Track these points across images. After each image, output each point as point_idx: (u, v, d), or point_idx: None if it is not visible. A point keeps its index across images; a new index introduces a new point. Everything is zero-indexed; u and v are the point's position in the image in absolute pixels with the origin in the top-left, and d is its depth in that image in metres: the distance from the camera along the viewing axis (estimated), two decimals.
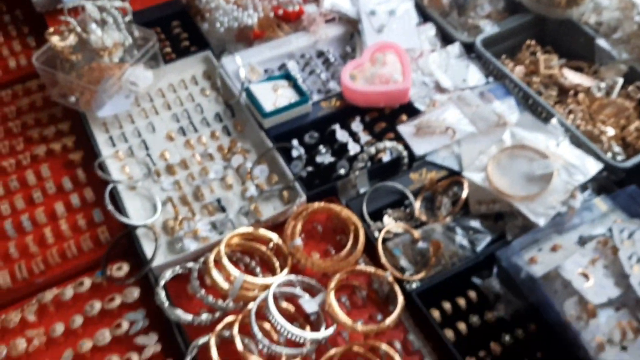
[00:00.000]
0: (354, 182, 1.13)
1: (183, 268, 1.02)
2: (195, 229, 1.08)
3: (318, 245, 1.09)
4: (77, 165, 1.20)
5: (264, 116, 1.18)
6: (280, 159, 1.17)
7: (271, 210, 1.12)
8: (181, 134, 1.25)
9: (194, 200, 1.14)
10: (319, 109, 1.26)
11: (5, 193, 1.16)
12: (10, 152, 1.23)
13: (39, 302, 1.00)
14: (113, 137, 1.23)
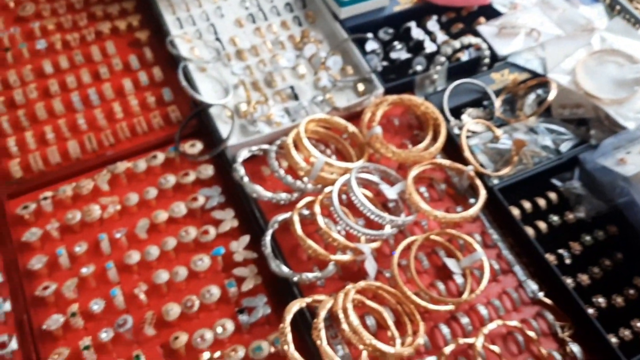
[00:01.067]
0: (433, 78, 1.09)
1: (258, 149, 0.99)
2: (269, 114, 1.04)
3: (393, 138, 1.06)
4: (144, 44, 1.16)
5: (342, 4, 1.13)
6: (356, 50, 1.12)
7: (345, 101, 1.09)
8: (250, 21, 1.20)
9: (265, 87, 1.10)
10: (395, 4, 1.20)
11: (71, 66, 1.12)
12: (73, 26, 1.18)
13: (111, 172, 0.98)
14: (180, 19, 1.18)
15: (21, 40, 1.15)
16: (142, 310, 0.86)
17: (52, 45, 1.14)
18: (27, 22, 1.18)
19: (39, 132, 1.03)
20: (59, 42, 1.14)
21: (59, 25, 1.18)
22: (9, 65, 1.11)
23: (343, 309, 0.78)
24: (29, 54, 1.13)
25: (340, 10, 1.14)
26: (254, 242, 0.91)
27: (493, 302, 0.89)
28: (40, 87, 1.09)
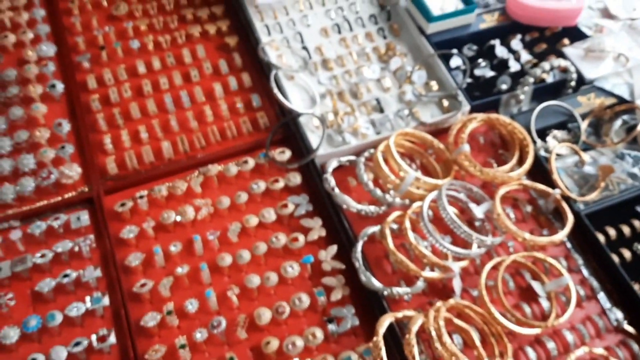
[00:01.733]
0: (520, 98, 1.09)
1: (346, 160, 1.01)
2: (356, 125, 1.06)
3: (478, 156, 1.07)
4: (233, 50, 1.19)
5: (430, 20, 1.14)
6: (442, 66, 1.13)
7: (429, 116, 1.10)
8: (336, 31, 1.21)
9: (351, 97, 1.12)
10: (480, 21, 1.21)
11: (162, 67, 1.16)
12: (164, 28, 1.22)
13: (204, 174, 1.01)
14: (268, 25, 1.21)
15: (115, 39, 1.19)
16: (233, 313, 0.88)
17: (145, 45, 1.18)
18: (121, 21, 1.22)
19: (132, 130, 1.07)
20: (151, 42, 1.18)
21: (151, 26, 1.21)
22: (103, 63, 1.15)
23: (436, 328, 0.79)
24: (123, 53, 1.17)
25: (428, 26, 1.15)
26: (340, 252, 0.93)
27: (578, 328, 0.89)
28: (134, 86, 1.12)
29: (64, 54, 1.16)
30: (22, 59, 1.14)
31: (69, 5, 1.23)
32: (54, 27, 1.20)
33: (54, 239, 0.94)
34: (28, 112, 1.06)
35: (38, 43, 1.16)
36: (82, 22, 1.21)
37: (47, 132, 1.04)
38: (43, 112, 1.07)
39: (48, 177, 0.99)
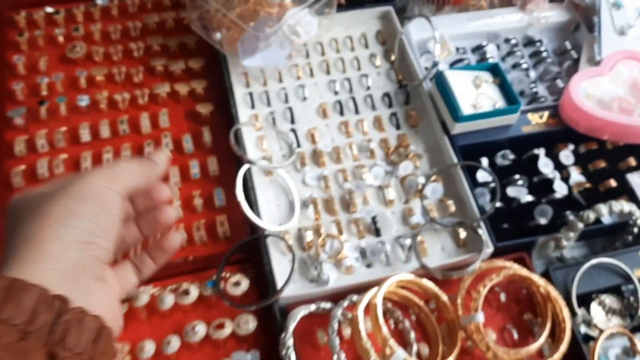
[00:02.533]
0: (562, 244, 0.82)
1: (318, 308, 0.77)
2: (341, 254, 0.81)
3: (494, 318, 0.80)
4: (204, 122, 0.94)
5: (458, 119, 0.87)
6: (464, 180, 0.87)
7: (438, 250, 0.84)
8: (337, 111, 0.96)
9: (341, 209, 0.87)
10: (523, 122, 0.93)
11: (112, 136, 0.92)
12: (125, 81, 0.98)
13: (129, 302, 0.77)
14: (253, 95, 0.95)
15: (62, 90, 0.95)
16: None
17: (96, 103, 0.94)
18: (74, 66, 0.98)
19: None
20: (104, 100, 0.94)
21: (110, 77, 0.97)
22: (40, 122, 0.92)
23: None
24: (67, 111, 0.93)
25: (454, 126, 0.88)
26: None
27: None
28: (71, 159, 0.89)
29: None
30: None
31: (16, 38, 0.99)
32: None
33: None
34: None
35: None
36: (28, 63, 0.97)
37: None
38: None
39: None
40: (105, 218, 0.44)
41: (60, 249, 0.40)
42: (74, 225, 0.41)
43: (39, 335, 0.34)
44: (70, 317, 0.36)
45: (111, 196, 0.45)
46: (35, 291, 0.36)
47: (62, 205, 0.42)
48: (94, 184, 0.45)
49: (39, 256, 0.39)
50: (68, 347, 0.35)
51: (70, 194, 0.43)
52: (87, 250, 0.42)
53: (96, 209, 0.43)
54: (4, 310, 0.33)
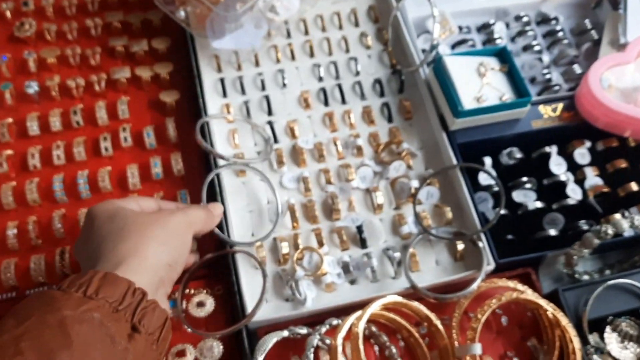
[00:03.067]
0: (574, 261, 0.72)
1: (292, 333, 0.67)
2: (321, 269, 0.71)
3: (494, 344, 0.71)
4: (169, 113, 0.83)
5: (458, 114, 0.76)
6: (463, 183, 0.76)
7: (431, 265, 0.74)
8: (321, 100, 0.84)
9: (323, 216, 0.76)
10: (533, 115, 0.81)
11: (64, 129, 0.80)
12: (80, 64, 0.86)
13: None
14: (225, 81, 0.84)
15: (8, 74, 0.84)
16: None
17: (47, 90, 0.82)
18: (24, 46, 0.86)
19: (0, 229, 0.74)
20: (56, 87, 0.82)
21: (63, 59, 0.85)
22: None
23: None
24: (13, 99, 0.82)
25: (453, 121, 0.77)
26: None
27: None
28: (16, 156, 0.78)
29: None
30: None
31: None
32: None
33: None
34: None
35: None
36: None
37: None
38: None
39: None
40: (183, 250, 0.59)
41: (157, 266, 0.54)
42: (167, 251, 0.56)
43: (125, 313, 0.48)
44: (146, 305, 0.50)
45: (188, 236, 0.61)
46: (124, 283, 0.49)
47: (160, 233, 0.56)
48: (180, 224, 0.59)
49: (143, 268, 0.52)
50: (144, 326, 0.49)
51: (165, 226, 0.57)
52: (170, 271, 0.56)
53: (179, 242, 0.59)
54: (101, 291, 0.48)
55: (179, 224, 0.59)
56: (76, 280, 0.48)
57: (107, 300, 0.47)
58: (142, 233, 0.55)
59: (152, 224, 0.56)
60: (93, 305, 0.46)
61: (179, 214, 0.60)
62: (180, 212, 0.61)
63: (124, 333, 0.47)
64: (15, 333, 0.43)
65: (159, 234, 0.56)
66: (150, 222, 0.57)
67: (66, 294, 0.47)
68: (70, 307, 0.45)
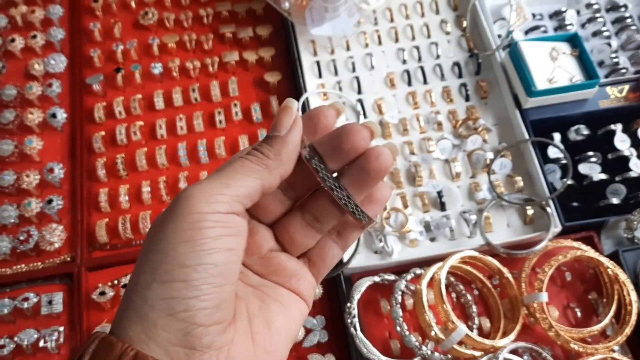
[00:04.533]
0: (635, 225, 0.80)
1: (382, 279, 0.79)
2: (405, 227, 0.82)
3: (558, 296, 0.81)
4: (272, 91, 0.96)
5: (531, 94, 0.85)
6: (535, 156, 0.85)
7: (503, 226, 0.84)
8: (405, 81, 0.94)
9: (406, 182, 0.88)
10: (600, 96, 0.89)
11: (184, 104, 0.94)
12: (196, 49, 0.99)
13: None
14: (321, 63, 0.95)
15: (136, 57, 0.98)
16: None
17: (169, 71, 0.96)
18: (147, 33, 1.00)
19: (135, 185, 0.88)
20: (176, 68, 0.96)
21: (181, 44, 0.99)
22: (116, 89, 0.96)
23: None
24: (142, 78, 0.96)
25: (526, 100, 0.86)
26: None
27: None
28: (146, 126, 0.93)
29: (75, 70, 0.97)
30: (28, 72, 0.97)
31: (92, 4, 1.02)
32: (70, 32, 1.01)
33: (22, 319, 0.80)
34: (20, 146, 0.90)
35: (49, 52, 0.98)
36: (103, 29, 1.01)
37: (37, 177, 0.88)
38: (38, 149, 0.90)
39: (27, 240, 0.83)
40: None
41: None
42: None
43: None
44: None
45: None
46: (119, 345, 0.34)
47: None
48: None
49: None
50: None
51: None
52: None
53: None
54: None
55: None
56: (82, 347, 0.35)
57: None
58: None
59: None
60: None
61: None
62: None
63: None
64: None
65: None
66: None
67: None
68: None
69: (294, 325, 0.40)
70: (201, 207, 0.35)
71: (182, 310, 0.34)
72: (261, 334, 0.37)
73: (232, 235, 0.36)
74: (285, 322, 0.39)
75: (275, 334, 0.38)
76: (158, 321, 0.34)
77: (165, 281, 0.34)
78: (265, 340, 0.37)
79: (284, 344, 0.38)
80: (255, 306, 0.39)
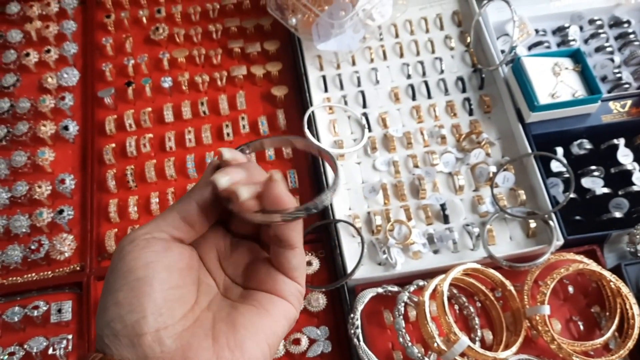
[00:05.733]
0: (637, 241, 0.81)
1: (385, 290, 0.80)
2: (409, 239, 0.83)
3: (560, 309, 0.81)
4: (279, 105, 0.97)
5: (534, 109, 0.86)
6: (537, 170, 0.86)
7: (506, 239, 0.85)
8: (409, 95, 0.96)
9: (410, 195, 0.89)
10: (603, 110, 0.90)
11: (193, 117, 0.97)
12: (205, 63, 1.02)
13: None
14: (327, 78, 0.97)
15: (146, 71, 1.01)
16: None
17: (178, 85, 0.99)
18: (158, 48, 1.03)
19: (144, 197, 0.90)
20: (185, 82, 0.99)
21: (190, 59, 1.02)
22: (127, 102, 0.98)
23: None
24: (152, 91, 0.99)
25: (529, 115, 0.87)
26: None
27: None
28: (156, 138, 0.95)
29: (87, 84, 0.99)
30: (41, 85, 0.99)
31: (104, 20, 1.05)
32: (83, 47, 1.03)
33: (32, 327, 0.82)
34: (33, 158, 0.92)
35: (62, 66, 1.01)
36: (115, 44, 1.03)
37: (49, 188, 0.90)
38: (50, 160, 0.92)
39: (37, 250, 0.85)
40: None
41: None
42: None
43: None
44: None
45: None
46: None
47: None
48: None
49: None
50: None
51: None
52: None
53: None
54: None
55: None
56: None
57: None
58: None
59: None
60: None
61: None
62: None
63: None
64: None
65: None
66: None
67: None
68: None
69: (273, 325, 0.41)
70: (128, 240, 0.40)
71: (121, 327, 0.37)
72: (224, 334, 0.39)
73: (150, 252, 0.39)
74: (257, 321, 0.40)
75: (242, 331, 0.39)
76: (112, 345, 0.37)
77: (104, 308, 0.38)
78: (229, 338, 0.39)
79: (255, 341, 0.39)
80: (224, 312, 0.41)
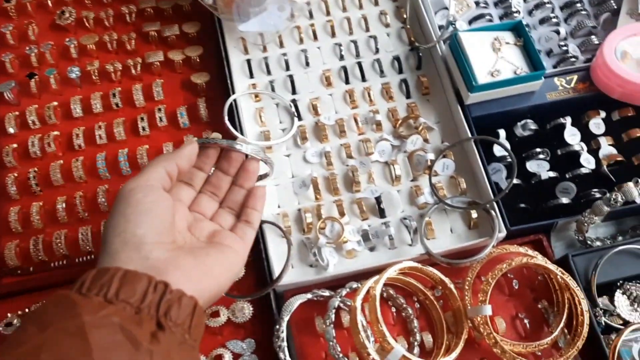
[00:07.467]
0: (585, 227, 0.75)
1: (315, 295, 0.73)
2: (342, 237, 0.76)
3: (505, 306, 0.75)
4: (200, 93, 0.88)
5: (472, 89, 0.79)
6: (478, 155, 0.79)
7: (447, 232, 0.78)
8: (342, 78, 0.88)
9: (344, 188, 0.81)
10: (548, 87, 0.84)
11: (104, 110, 0.87)
12: (117, 49, 0.92)
13: None
14: (252, 62, 0.89)
15: (52, 60, 0.91)
16: None
17: (88, 75, 0.89)
18: (64, 34, 0.93)
19: (50, 203, 0.81)
20: (95, 71, 0.89)
21: (101, 44, 0.92)
22: (30, 96, 0.88)
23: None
24: (57, 84, 0.89)
25: (468, 96, 0.80)
26: None
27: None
28: (62, 136, 0.85)
29: None
30: None
31: (4, 4, 0.94)
32: None
33: None
34: None
35: None
36: (17, 31, 0.93)
37: None
38: None
39: None
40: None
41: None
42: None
43: (149, 310, 0.45)
44: (171, 297, 0.47)
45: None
46: (144, 279, 0.47)
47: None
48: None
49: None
50: (171, 318, 0.46)
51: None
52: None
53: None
54: (121, 292, 0.45)
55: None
56: (97, 280, 0.46)
57: (127, 301, 0.45)
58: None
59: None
60: (112, 310, 0.44)
61: None
62: None
63: (146, 334, 0.44)
64: (35, 342, 0.41)
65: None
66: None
67: (86, 298, 0.45)
68: (90, 312, 0.43)
69: (231, 255, 0.59)
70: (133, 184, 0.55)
71: (130, 237, 0.50)
72: (202, 257, 0.54)
73: (152, 193, 0.54)
74: (220, 256, 0.57)
75: (212, 258, 0.55)
76: (121, 251, 0.50)
77: (115, 225, 0.52)
78: (206, 261, 0.54)
79: (222, 265, 0.56)
80: (199, 249, 0.56)
